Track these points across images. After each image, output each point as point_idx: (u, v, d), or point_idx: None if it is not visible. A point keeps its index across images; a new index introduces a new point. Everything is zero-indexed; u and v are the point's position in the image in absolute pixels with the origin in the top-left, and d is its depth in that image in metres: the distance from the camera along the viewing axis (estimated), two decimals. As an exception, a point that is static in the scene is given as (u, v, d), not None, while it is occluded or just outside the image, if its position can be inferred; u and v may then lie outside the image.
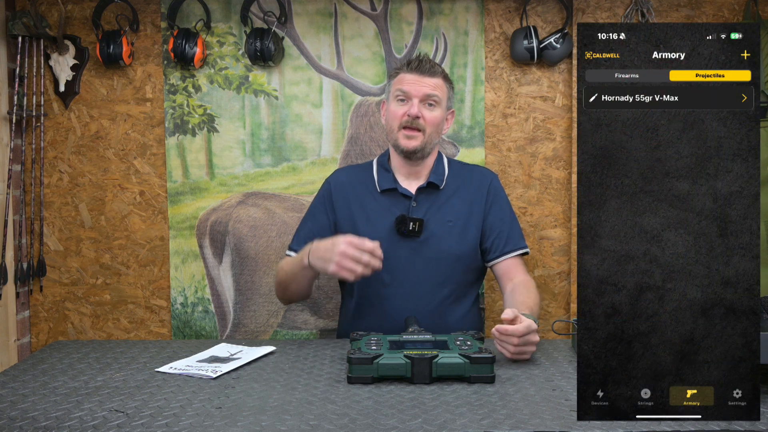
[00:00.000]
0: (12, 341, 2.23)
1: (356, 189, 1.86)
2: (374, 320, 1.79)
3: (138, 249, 2.31)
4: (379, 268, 1.56)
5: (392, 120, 1.79)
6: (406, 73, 1.78)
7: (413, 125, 1.75)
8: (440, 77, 1.79)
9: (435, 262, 1.78)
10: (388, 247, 1.72)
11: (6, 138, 2.20)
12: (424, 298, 1.78)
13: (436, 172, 1.84)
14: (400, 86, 1.78)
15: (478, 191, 1.84)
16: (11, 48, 2.23)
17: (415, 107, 1.75)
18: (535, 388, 1.28)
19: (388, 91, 1.84)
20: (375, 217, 1.81)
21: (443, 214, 1.80)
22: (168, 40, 2.22)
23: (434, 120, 1.77)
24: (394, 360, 1.31)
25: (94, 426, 1.11)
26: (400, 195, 1.82)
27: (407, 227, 1.76)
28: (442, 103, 1.79)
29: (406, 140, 1.76)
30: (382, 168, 1.87)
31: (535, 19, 2.23)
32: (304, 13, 2.25)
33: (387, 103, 1.85)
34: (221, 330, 2.32)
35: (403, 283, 1.78)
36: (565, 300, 2.29)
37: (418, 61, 1.79)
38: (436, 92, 1.77)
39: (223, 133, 2.28)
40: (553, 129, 2.26)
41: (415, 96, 1.76)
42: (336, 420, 1.12)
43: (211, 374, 1.37)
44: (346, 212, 1.84)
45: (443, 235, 1.79)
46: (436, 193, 1.83)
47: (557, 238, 2.28)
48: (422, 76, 1.77)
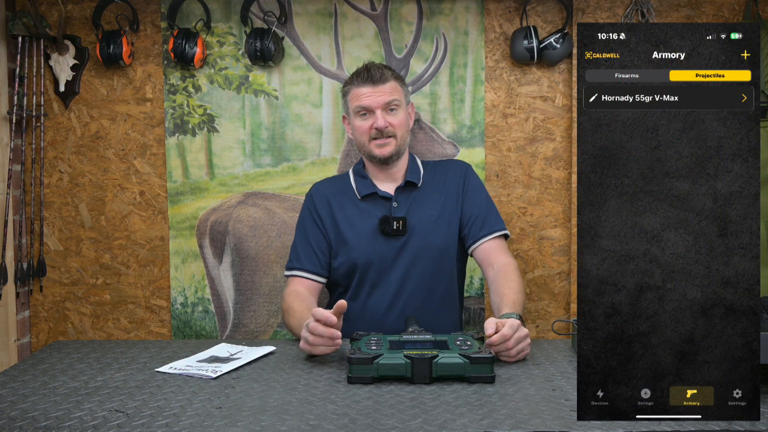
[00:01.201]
0: (12, 341, 2.23)
1: (337, 198, 1.89)
2: (364, 319, 1.82)
3: (138, 249, 2.31)
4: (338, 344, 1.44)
5: (360, 135, 1.84)
6: (359, 87, 1.82)
7: (384, 135, 1.80)
8: (392, 80, 1.83)
9: (421, 257, 1.82)
10: (374, 248, 1.81)
11: (6, 138, 2.20)
12: (413, 294, 1.82)
13: (412, 171, 1.88)
14: (359, 102, 1.81)
15: (453, 183, 1.89)
16: (11, 48, 2.23)
17: (380, 119, 1.80)
18: (535, 388, 1.28)
19: (347, 107, 1.88)
20: (358, 222, 1.85)
21: (424, 211, 1.84)
22: (168, 40, 2.22)
23: (400, 122, 1.83)
24: (394, 360, 1.31)
25: (94, 426, 1.11)
26: (380, 198, 1.86)
27: (392, 227, 1.80)
28: (402, 104, 1.84)
29: (380, 149, 1.82)
30: (358, 176, 1.91)
31: (535, 19, 2.23)
32: (304, 13, 2.25)
33: (349, 118, 1.89)
34: (221, 330, 2.32)
35: (391, 281, 1.82)
36: (565, 300, 2.29)
37: (366, 72, 1.82)
38: (394, 96, 1.82)
39: (223, 133, 2.28)
40: (553, 129, 2.26)
41: (376, 107, 1.80)
42: (336, 420, 1.12)
43: (211, 374, 1.37)
44: (330, 221, 1.87)
45: (427, 231, 1.83)
46: (415, 191, 1.87)
47: (557, 238, 2.28)
48: (375, 86, 1.81)
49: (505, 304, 1.62)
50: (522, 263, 2.28)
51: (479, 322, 2.29)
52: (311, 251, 1.85)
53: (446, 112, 2.26)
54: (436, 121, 2.25)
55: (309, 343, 1.43)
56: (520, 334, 1.44)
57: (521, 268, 2.28)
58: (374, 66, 1.83)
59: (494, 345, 1.41)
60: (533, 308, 2.30)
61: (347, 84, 1.87)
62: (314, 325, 1.41)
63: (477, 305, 2.29)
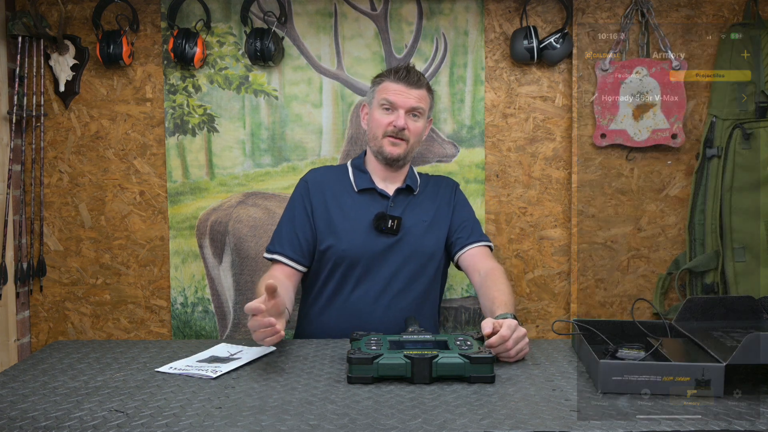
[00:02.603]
0: (12, 341, 2.23)
1: (333, 187, 1.90)
2: (347, 313, 1.82)
3: (138, 249, 2.31)
4: (278, 331, 1.39)
5: (376, 128, 1.84)
6: (392, 83, 1.83)
7: (398, 135, 1.81)
8: (424, 89, 1.85)
9: (410, 259, 1.83)
10: (365, 242, 1.82)
11: (6, 138, 2.20)
12: (397, 294, 1.82)
13: (411, 178, 1.92)
14: (386, 95, 1.82)
15: (445, 195, 1.94)
16: (11, 48, 2.23)
17: (401, 119, 1.81)
18: (535, 388, 1.28)
19: (372, 97, 1.89)
20: (353, 214, 1.85)
21: (418, 215, 1.87)
22: (168, 40, 2.22)
23: (417, 131, 1.85)
24: (394, 360, 1.31)
25: (94, 426, 1.11)
26: (378, 195, 1.87)
27: (386, 224, 1.82)
28: (424, 114, 1.87)
29: (391, 147, 1.83)
30: (357, 170, 1.92)
31: (535, 19, 2.23)
32: (304, 13, 2.25)
33: (370, 108, 1.90)
34: (221, 330, 2.32)
35: (377, 278, 1.82)
36: (565, 300, 2.29)
37: (405, 71, 1.83)
38: (421, 104, 1.83)
39: (223, 133, 2.28)
40: (553, 129, 2.26)
41: (401, 107, 1.82)
42: (336, 420, 1.12)
43: (211, 374, 1.37)
44: (322, 209, 1.86)
45: (419, 234, 1.85)
46: (411, 196, 1.91)
47: (557, 238, 2.28)
48: (409, 88, 1.82)
49: (497, 306, 1.62)
50: (522, 263, 2.28)
51: (478, 323, 2.29)
52: (295, 237, 1.84)
53: (446, 112, 2.26)
54: (436, 121, 2.25)
55: (256, 338, 1.41)
56: (519, 334, 1.44)
57: (521, 268, 2.28)
58: (414, 69, 1.86)
59: (493, 346, 1.40)
60: (533, 308, 2.30)
61: (382, 75, 1.88)
62: (251, 323, 1.38)
63: (477, 305, 2.29)
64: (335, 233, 1.83)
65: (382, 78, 1.86)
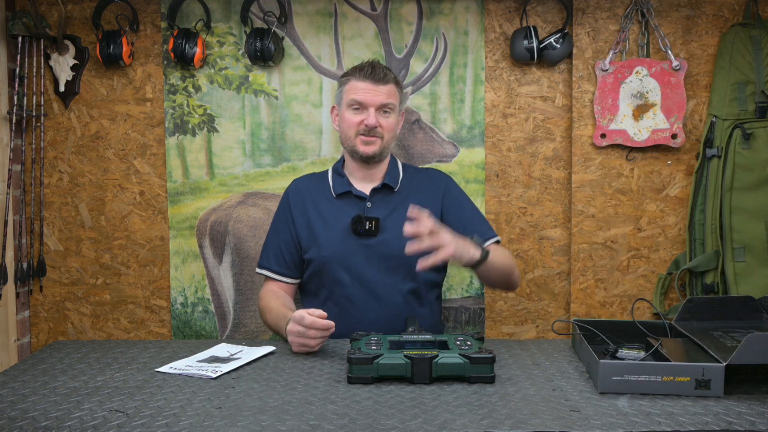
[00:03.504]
0: (12, 341, 2.23)
1: (312, 195, 1.89)
2: (340, 321, 1.79)
3: (138, 249, 2.31)
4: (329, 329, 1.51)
5: (348, 128, 1.83)
6: (359, 81, 1.81)
7: (371, 133, 1.80)
8: (392, 83, 1.83)
9: (394, 260, 1.79)
10: (345, 248, 1.80)
11: (6, 138, 2.20)
12: (386, 297, 1.80)
13: (391, 175, 1.88)
14: (354, 95, 1.80)
15: (430, 193, 1.89)
16: (11, 48, 2.23)
17: (371, 117, 1.79)
18: (535, 388, 1.28)
19: (340, 98, 1.86)
20: (331, 220, 1.84)
21: (399, 215, 1.79)
22: (168, 40, 2.22)
23: (390, 126, 1.83)
24: (394, 360, 1.31)
25: (94, 426, 1.11)
26: (355, 197, 1.86)
27: (363, 226, 1.79)
28: (395, 109, 1.84)
29: (364, 146, 1.81)
30: (336, 174, 1.91)
31: (535, 19, 2.23)
32: (304, 13, 2.25)
33: (339, 109, 1.88)
34: (221, 330, 2.32)
35: (363, 282, 1.81)
36: (565, 300, 2.29)
37: (371, 68, 1.81)
38: (391, 100, 1.81)
39: (223, 133, 2.28)
40: (553, 129, 2.26)
41: (371, 105, 1.79)
42: (336, 420, 1.12)
43: (211, 374, 1.37)
44: (303, 219, 1.87)
45: (400, 233, 1.78)
46: (391, 195, 1.87)
47: (557, 238, 2.28)
48: (376, 84, 1.80)
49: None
50: (522, 263, 2.28)
51: (479, 323, 2.29)
52: (279, 252, 1.87)
53: (446, 112, 2.26)
54: (436, 121, 2.25)
55: (306, 337, 1.50)
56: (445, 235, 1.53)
57: (521, 268, 2.28)
58: (379, 65, 1.82)
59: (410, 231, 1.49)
60: (533, 308, 2.30)
61: (347, 75, 1.85)
62: (312, 320, 1.47)
63: (477, 305, 2.29)
64: (316, 241, 1.83)
65: (348, 77, 1.83)
